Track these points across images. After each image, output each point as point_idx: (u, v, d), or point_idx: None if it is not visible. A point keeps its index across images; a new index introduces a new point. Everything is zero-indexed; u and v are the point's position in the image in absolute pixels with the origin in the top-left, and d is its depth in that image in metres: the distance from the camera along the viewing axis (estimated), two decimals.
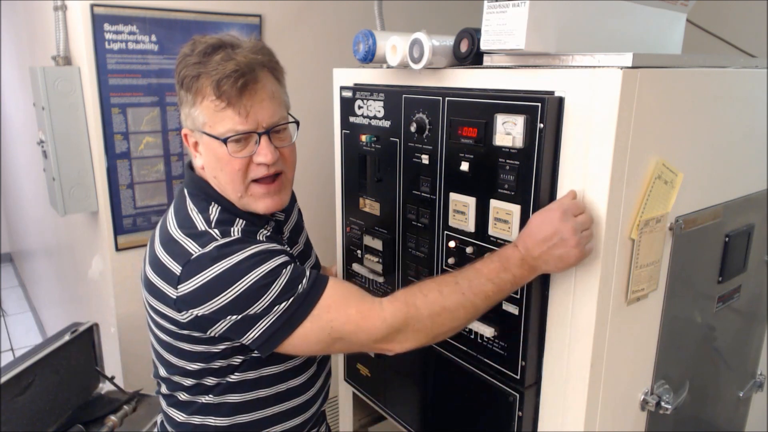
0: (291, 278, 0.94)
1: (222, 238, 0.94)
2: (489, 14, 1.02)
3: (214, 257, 0.92)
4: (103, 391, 1.67)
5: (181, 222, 0.99)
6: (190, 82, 0.94)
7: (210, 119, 0.95)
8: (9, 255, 5.06)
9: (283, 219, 1.16)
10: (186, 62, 0.94)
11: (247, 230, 1.01)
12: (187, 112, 0.98)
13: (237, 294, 0.91)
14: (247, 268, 0.92)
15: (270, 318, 0.92)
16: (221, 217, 1.00)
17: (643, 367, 1.12)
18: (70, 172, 1.65)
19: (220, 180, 1.00)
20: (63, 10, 1.60)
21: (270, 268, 0.93)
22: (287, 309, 0.92)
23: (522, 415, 1.08)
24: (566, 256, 0.90)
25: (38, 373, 1.42)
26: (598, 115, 0.89)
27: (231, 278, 0.91)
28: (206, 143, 0.98)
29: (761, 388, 1.53)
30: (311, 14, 1.91)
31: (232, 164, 0.96)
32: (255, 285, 0.91)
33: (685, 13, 1.36)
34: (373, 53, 1.27)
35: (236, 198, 1.01)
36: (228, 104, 0.92)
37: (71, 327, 1.57)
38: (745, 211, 1.27)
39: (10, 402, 1.35)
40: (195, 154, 1.02)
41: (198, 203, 1.01)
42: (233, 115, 0.93)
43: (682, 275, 1.13)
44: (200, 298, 0.92)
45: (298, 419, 1.16)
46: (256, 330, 0.93)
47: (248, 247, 0.94)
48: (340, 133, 1.45)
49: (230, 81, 0.90)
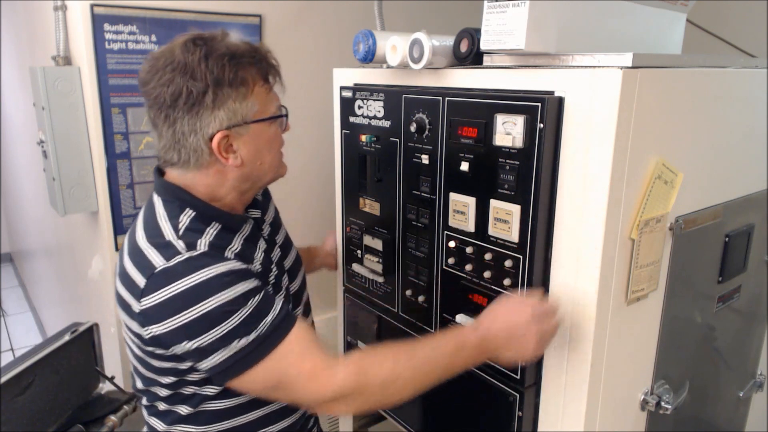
0: (256, 309, 0.91)
1: (187, 251, 0.91)
2: (489, 14, 1.02)
3: (179, 272, 0.89)
4: (103, 391, 1.67)
5: (149, 231, 0.96)
6: (232, 77, 0.92)
7: (262, 104, 0.97)
8: (9, 255, 5.06)
9: (259, 216, 1.13)
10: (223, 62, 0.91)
11: (219, 240, 0.97)
12: (235, 108, 0.94)
13: (196, 316, 0.87)
14: (211, 289, 0.88)
15: (226, 351, 0.89)
16: (192, 225, 0.96)
17: (643, 367, 1.12)
18: (70, 172, 1.65)
19: (266, 163, 1.01)
20: (63, 10, 1.60)
21: (236, 295, 0.89)
22: (245, 347, 0.89)
23: (522, 415, 1.08)
24: (521, 353, 0.94)
25: (38, 373, 1.42)
26: (598, 115, 0.89)
27: (193, 298, 0.88)
28: (254, 132, 0.97)
29: (761, 388, 1.53)
30: (311, 14, 1.91)
31: (280, 140, 1.01)
32: (217, 309, 0.88)
33: (685, 13, 1.36)
34: (373, 53, 1.27)
35: (275, 169, 1.04)
36: (272, 85, 0.99)
37: (71, 327, 1.57)
38: (745, 211, 1.27)
39: (10, 402, 1.35)
40: (225, 157, 0.96)
41: (170, 209, 0.98)
42: (275, 93, 0.99)
43: (682, 275, 1.13)
44: (158, 316, 0.89)
45: (284, 422, 1.13)
46: (211, 360, 0.90)
47: (215, 264, 0.90)
48: (340, 133, 1.45)
49: (266, 62, 0.97)
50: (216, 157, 0.96)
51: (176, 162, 0.98)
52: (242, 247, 1.01)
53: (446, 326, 1.21)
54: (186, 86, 0.90)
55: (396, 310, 1.36)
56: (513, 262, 1.03)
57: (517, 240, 1.02)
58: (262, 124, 0.97)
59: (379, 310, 1.42)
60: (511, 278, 1.04)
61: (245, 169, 1.00)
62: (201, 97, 0.91)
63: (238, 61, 0.93)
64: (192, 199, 0.99)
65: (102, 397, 1.65)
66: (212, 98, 0.92)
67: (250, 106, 0.95)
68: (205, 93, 0.91)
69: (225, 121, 0.94)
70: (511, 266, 1.04)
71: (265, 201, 1.22)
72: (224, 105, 0.93)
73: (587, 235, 0.94)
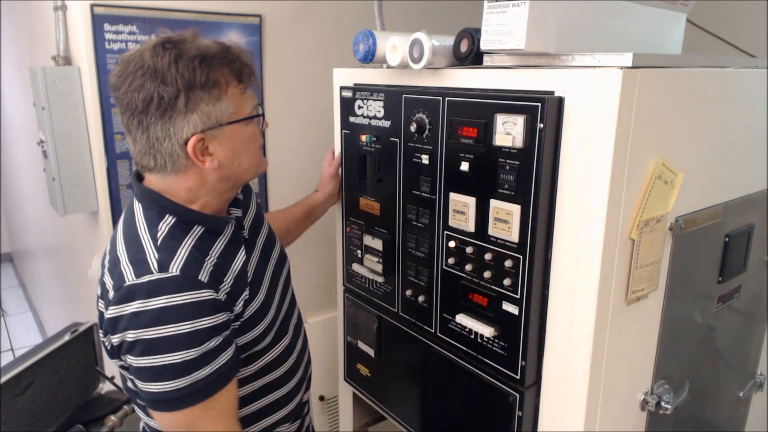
0: (202, 356, 0.90)
1: (158, 272, 0.90)
2: (489, 14, 1.02)
3: (144, 292, 0.89)
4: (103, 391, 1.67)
5: (128, 241, 0.96)
6: (204, 79, 0.90)
7: (237, 105, 0.95)
8: (9, 255, 5.06)
9: (241, 215, 1.10)
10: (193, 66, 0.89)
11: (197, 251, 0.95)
12: (209, 111, 0.92)
13: (145, 338, 0.88)
14: (168, 318, 0.88)
15: (157, 385, 0.90)
16: (171, 233, 0.95)
17: (643, 367, 1.12)
18: (70, 172, 1.65)
19: (243, 164, 0.99)
20: (63, 10, 1.60)
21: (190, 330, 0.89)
22: (174, 390, 0.89)
23: (522, 415, 1.08)
24: None
25: (38, 373, 1.42)
26: (598, 115, 0.89)
27: (149, 321, 0.88)
28: (229, 134, 0.95)
29: (761, 388, 1.53)
30: (311, 14, 1.91)
31: (258, 139, 0.98)
32: (167, 340, 0.88)
33: (685, 13, 1.36)
34: (373, 53, 1.27)
35: (251, 174, 1.02)
36: (246, 85, 0.96)
37: (71, 327, 1.56)
38: (745, 211, 1.27)
39: (10, 402, 1.34)
40: (202, 160, 0.95)
41: (149, 217, 0.97)
42: (251, 93, 0.97)
43: (682, 275, 1.13)
44: (116, 327, 0.91)
45: (279, 413, 1.15)
46: (144, 385, 0.91)
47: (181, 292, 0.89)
48: (340, 133, 1.45)
49: (239, 63, 0.94)
50: (192, 160, 0.94)
51: (153, 167, 0.96)
52: (222, 253, 1.00)
53: (446, 326, 1.21)
54: (157, 91, 0.88)
55: (396, 310, 1.36)
56: (513, 262, 1.03)
57: (517, 240, 1.02)
58: (238, 125, 0.95)
59: (379, 310, 1.42)
60: (511, 278, 1.04)
61: (223, 171, 0.98)
62: (173, 101, 0.89)
63: (210, 62, 0.90)
64: (171, 204, 0.98)
65: (102, 397, 1.64)
66: (184, 102, 0.90)
67: (224, 107, 0.93)
68: (177, 97, 0.89)
69: (199, 124, 0.92)
70: (511, 266, 1.04)
71: (246, 198, 1.18)
72: (197, 108, 0.91)
73: (587, 235, 0.94)
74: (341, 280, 1.56)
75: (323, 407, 2.15)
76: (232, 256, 1.02)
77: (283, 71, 1.86)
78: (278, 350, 1.11)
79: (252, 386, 1.09)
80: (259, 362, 1.08)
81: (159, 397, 0.90)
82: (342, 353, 1.62)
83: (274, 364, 1.11)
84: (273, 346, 1.10)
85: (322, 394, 2.12)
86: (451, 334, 1.20)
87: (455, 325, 1.18)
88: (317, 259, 2.04)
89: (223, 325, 0.94)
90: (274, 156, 1.89)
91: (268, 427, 1.14)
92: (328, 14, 1.94)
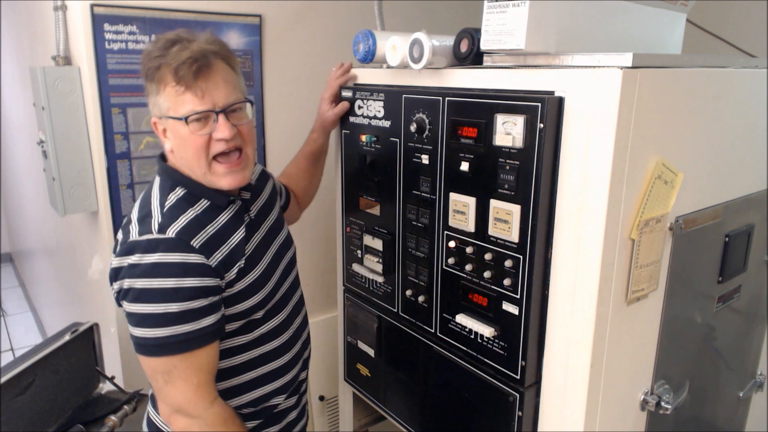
0: (185, 312, 1.00)
1: (157, 233, 1.02)
2: (489, 14, 1.02)
3: (141, 247, 1.01)
4: (103, 391, 1.67)
5: (141, 205, 1.09)
6: (152, 73, 1.02)
7: (173, 104, 1.03)
8: (9, 255, 5.06)
9: (249, 198, 1.19)
10: (149, 56, 1.03)
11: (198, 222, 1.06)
12: (153, 101, 1.06)
13: (136, 287, 0.99)
14: (159, 271, 0.99)
15: (142, 330, 1.01)
16: (179, 203, 1.07)
17: (643, 367, 1.12)
18: (70, 172, 1.65)
19: (187, 159, 1.07)
20: (63, 10, 1.60)
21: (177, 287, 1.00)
22: (157, 338, 1.00)
23: (522, 415, 1.08)
24: None
25: (38, 373, 1.42)
26: (598, 115, 0.89)
27: (141, 272, 0.99)
28: (171, 127, 1.05)
29: (761, 388, 1.53)
30: (311, 14, 1.91)
31: (195, 142, 1.04)
32: (154, 291, 0.99)
33: (685, 13, 1.36)
34: (373, 53, 1.27)
35: (201, 175, 1.07)
36: (186, 88, 1.01)
37: (71, 327, 1.57)
38: (745, 211, 1.27)
39: (10, 402, 1.35)
40: (164, 140, 1.09)
41: (163, 188, 1.09)
42: (192, 97, 1.02)
43: (682, 275, 1.13)
44: (116, 276, 1.03)
45: (277, 382, 1.21)
46: (133, 329, 1.02)
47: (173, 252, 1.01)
48: (340, 133, 1.45)
49: (185, 67, 0.99)
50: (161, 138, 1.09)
51: None
52: (223, 226, 1.09)
53: (446, 326, 1.21)
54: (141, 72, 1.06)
55: (396, 310, 1.36)
56: (513, 262, 1.03)
57: (517, 240, 1.02)
58: (177, 122, 1.03)
59: (379, 310, 1.42)
60: (511, 278, 1.04)
61: (177, 158, 1.09)
62: (144, 83, 1.06)
63: (163, 61, 1.01)
64: (182, 177, 1.09)
65: (102, 397, 1.64)
66: (146, 87, 1.06)
67: (161, 102, 1.04)
68: (145, 81, 1.06)
69: (155, 109, 1.07)
70: (511, 266, 1.04)
71: (260, 183, 1.29)
72: (150, 96, 1.06)
73: (587, 235, 0.94)
74: (341, 280, 1.56)
75: (323, 407, 2.15)
76: (232, 230, 1.11)
77: (282, 71, 1.86)
78: (275, 323, 1.20)
79: (248, 354, 1.16)
80: (256, 332, 1.16)
81: (141, 341, 1.02)
82: (342, 353, 1.62)
83: (270, 335, 1.19)
84: (270, 317, 1.18)
85: (322, 394, 2.12)
86: (451, 334, 1.20)
87: (455, 325, 1.18)
88: (317, 259, 2.04)
89: (211, 290, 1.04)
90: (274, 156, 1.89)
91: (262, 397, 1.20)
92: (328, 14, 1.94)
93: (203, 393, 1.05)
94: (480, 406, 1.17)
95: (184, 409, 1.04)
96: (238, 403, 1.17)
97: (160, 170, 1.13)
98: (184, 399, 1.04)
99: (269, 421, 1.23)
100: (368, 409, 1.73)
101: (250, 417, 1.20)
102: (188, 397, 1.03)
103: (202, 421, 1.04)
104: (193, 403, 1.04)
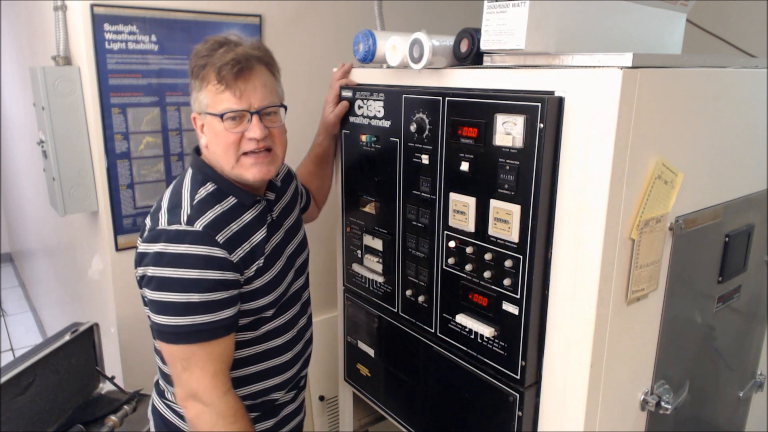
0: (206, 303, 1.04)
1: (185, 224, 1.06)
2: (489, 14, 1.02)
3: (169, 237, 1.05)
4: (103, 391, 1.67)
5: (172, 195, 1.13)
6: (198, 71, 1.09)
7: (212, 101, 1.08)
8: (9, 255, 5.06)
9: (273, 199, 1.24)
10: (197, 55, 1.10)
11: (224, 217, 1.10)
12: (195, 97, 1.11)
13: (160, 276, 1.03)
14: (184, 262, 1.03)
15: (163, 318, 1.05)
16: (208, 198, 1.11)
17: (643, 367, 1.12)
18: (70, 172, 1.65)
19: (217, 153, 1.11)
20: (63, 10, 1.60)
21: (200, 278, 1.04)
22: (177, 326, 1.04)
23: (522, 415, 1.08)
24: None
25: (38, 373, 1.42)
26: (598, 115, 0.89)
27: (167, 261, 1.03)
28: (209, 122, 1.10)
29: (761, 388, 1.53)
30: (311, 14, 1.91)
31: (228, 138, 1.09)
32: (177, 281, 1.03)
33: (685, 13, 1.36)
34: (373, 53, 1.27)
35: (229, 168, 1.11)
36: (226, 87, 1.07)
37: (71, 327, 1.57)
38: (745, 211, 1.27)
39: (10, 402, 1.35)
40: (201, 135, 1.14)
41: (194, 181, 1.14)
42: (230, 96, 1.07)
43: (682, 275, 1.13)
44: (142, 261, 1.07)
45: (275, 379, 1.24)
46: (155, 317, 1.06)
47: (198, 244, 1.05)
48: (340, 133, 1.45)
49: (228, 68, 1.05)
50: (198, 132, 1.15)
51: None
52: (247, 224, 1.13)
53: (446, 326, 1.21)
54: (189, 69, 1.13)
55: (396, 310, 1.36)
56: (513, 262, 1.03)
57: (517, 240, 1.02)
58: (213, 118, 1.09)
59: (379, 310, 1.42)
60: (511, 278, 1.04)
61: (210, 152, 1.13)
62: (190, 80, 1.12)
63: (208, 61, 1.07)
64: (213, 173, 1.14)
65: (102, 397, 1.65)
66: (191, 84, 1.12)
67: (202, 98, 1.10)
68: (191, 78, 1.12)
69: (195, 104, 1.12)
70: (511, 266, 1.04)
71: (285, 184, 1.33)
72: (193, 92, 1.12)
73: (587, 235, 0.94)
74: (341, 280, 1.56)
75: (323, 407, 2.15)
76: (254, 229, 1.15)
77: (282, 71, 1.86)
78: (281, 321, 1.23)
79: (253, 350, 1.20)
80: (264, 328, 1.20)
81: (162, 328, 1.06)
82: (342, 353, 1.62)
83: (275, 332, 1.22)
84: (278, 315, 1.22)
85: (322, 394, 2.12)
86: (451, 334, 1.20)
87: (455, 325, 1.18)
88: (317, 259, 2.03)
89: (231, 284, 1.08)
90: None
91: (262, 391, 1.23)
92: (327, 14, 1.94)
93: (218, 382, 1.08)
94: (480, 406, 1.17)
95: (199, 395, 1.07)
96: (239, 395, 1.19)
97: (193, 163, 1.18)
98: (200, 386, 1.06)
99: (266, 415, 1.26)
100: (368, 409, 1.73)
101: (248, 409, 1.21)
102: (204, 385, 1.06)
103: (215, 409, 1.07)
104: (208, 390, 1.07)
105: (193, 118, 1.15)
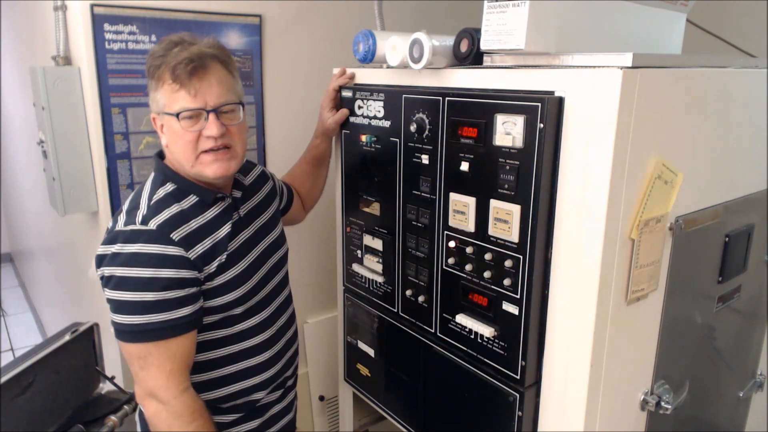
0: (162, 302, 1.05)
1: (139, 224, 1.07)
2: (489, 14, 1.02)
3: (124, 237, 1.07)
4: (103, 391, 1.67)
5: (132, 198, 1.15)
6: (153, 71, 1.09)
7: (168, 100, 1.09)
8: (9, 255, 5.06)
9: (240, 197, 1.23)
10: (153, 55, 1.10)
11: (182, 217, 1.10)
12: (152, 97, 1.12)
13: (115, 275, 1.05)
14: (138, 261, 1.04)
15: (119, 317, 1.06)
16: (165, 197, 1.12)
17: (643, 367, 1.12)
18: (70, 172, 1.65)
19: (177, 152, 1.11)
20: (63, 10, 1.60)
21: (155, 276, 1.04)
22: (132, 324, 1.05)
23: (522, 415, 1.08)
24: None
25: (38, 373, 1.42)
26: (598, 115, 0.89)
27: (121, 261, 1.05)
28: (166, 122, 1.11)
29: (761, 388, 1.53)
30: (311, 14, 1.91)
31: (185, 137, 1.09)
32: (132, 280, 1.04)
33: (685, 13, 1.36)
34: (373, 53, 1.28)
35: (189, 167, 1.11)
36: (181, 86, 1.07)
37: (71, 327, 1.56)
38: (745, 211, 1.27)
39: (10, 402, 1.34)
40: (161, 135, 1.15)
41: (155, 182, 1.15)
42: (185, 95, 1.07)
43: (682, 275, 1.13)
44: (100, 263, 1.09)
45: (253, 380, 1.23)
46: (113, 315, 1.07)
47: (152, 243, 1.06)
48: (340, 133, 1.45)
49: (182, 66, 1.05)
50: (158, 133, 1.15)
51: None
52: (209, 221, 1.14)
53: (446, 326, 1.21)
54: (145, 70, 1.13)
55: (396, 310, 1.36)
56: (513, 262, 1.03)
57: (517, 240, 1.02)
58: (170, 117, 1.09)
59: (379, 310, 1.42)
60: (511, 278, 1.04)
61: (170, 152, 1.14)
62: (147, 80, 1.13)
63: (163, 60, 1.07)
64: (173, 174, 1.15)
65: (102, 397, 1.64)
66: (148, 84, 1.13)
67: (159, 98, 1.10)
68: (147, 79, 1.12)
69: (153, 105, 1.13)
70: (511, 266, 1.04)
71: (257, 184, 1.32)
72: (150, 92, 1.12)
73: (587, 235, 0.94)
74: (341, 280, 1.56)
75: (323, 407, 2.15)
76: (217, 226, 1.15)
77: (282, 71, 1.86)
78: (257, 320, 1.22)
79: (228, 349, 1.20)
80: (236, 327, 1.19)
81: (119, 327, 1.07)
82: (342, 353, 1.62)
83: (251, 331, 1.22)
84: (252, 314, 1.21)
85: (322, 394, 2.12)
86: (451, 334, 1.20)
87: (455, 325, 1.18)
88: (317, 259, 2.04)
89: (189, 282, 1.08)
90: (274, 155, 1.89)
91: (241, 391, 1.22)
92: (327, 14, 1.94)
93: (175, 381, 1.08)
94: (480, 406, 1.17)
95: (156, 394, 1.08)
96: (217, 396, 1.20)
97: (155, 166, 1.19)
98: (156, 384, 1.07)
99: (250, 415, 1.26)
100: (368, 409, 1.73)
101: (230, 410, 1.22)
102: (160, 384, 1.07)
103: (171, 408, 1.08)
104: (164, 389, 1.07)
105: (153, 119, 1.15)
